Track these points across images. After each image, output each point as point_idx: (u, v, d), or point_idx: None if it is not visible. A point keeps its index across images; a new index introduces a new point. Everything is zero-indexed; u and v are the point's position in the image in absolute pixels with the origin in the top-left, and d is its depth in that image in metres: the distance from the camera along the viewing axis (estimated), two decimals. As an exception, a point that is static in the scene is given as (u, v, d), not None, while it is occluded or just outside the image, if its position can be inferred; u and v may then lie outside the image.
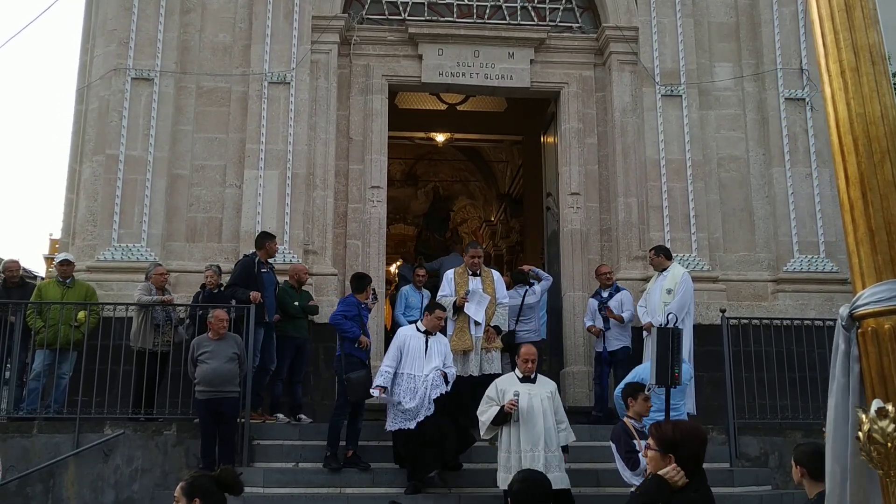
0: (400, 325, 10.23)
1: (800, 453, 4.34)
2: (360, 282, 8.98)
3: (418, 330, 8.25)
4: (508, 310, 9.40)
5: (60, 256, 9.74)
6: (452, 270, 9.43)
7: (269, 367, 9.32)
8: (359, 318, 8.61)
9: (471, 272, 9.26)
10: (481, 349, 8.94)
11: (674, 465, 3.23)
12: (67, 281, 9.40)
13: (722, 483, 8.13)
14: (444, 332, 8.76)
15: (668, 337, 7.32)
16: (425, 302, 10.50)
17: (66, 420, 8.65)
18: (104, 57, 11.07)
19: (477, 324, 8.95)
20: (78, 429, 8.48)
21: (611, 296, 10.15)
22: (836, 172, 2.47)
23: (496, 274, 9.50)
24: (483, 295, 9.04)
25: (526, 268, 10.82)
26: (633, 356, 9.77)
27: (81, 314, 9.03)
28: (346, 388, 8.32)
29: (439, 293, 9.35)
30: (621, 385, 7.61)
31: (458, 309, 9.02)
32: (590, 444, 8.92)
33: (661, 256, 9.85)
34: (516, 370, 7.54)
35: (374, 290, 9.33)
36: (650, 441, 3.37)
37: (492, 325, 9.04)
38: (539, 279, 10.39)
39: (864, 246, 2.34)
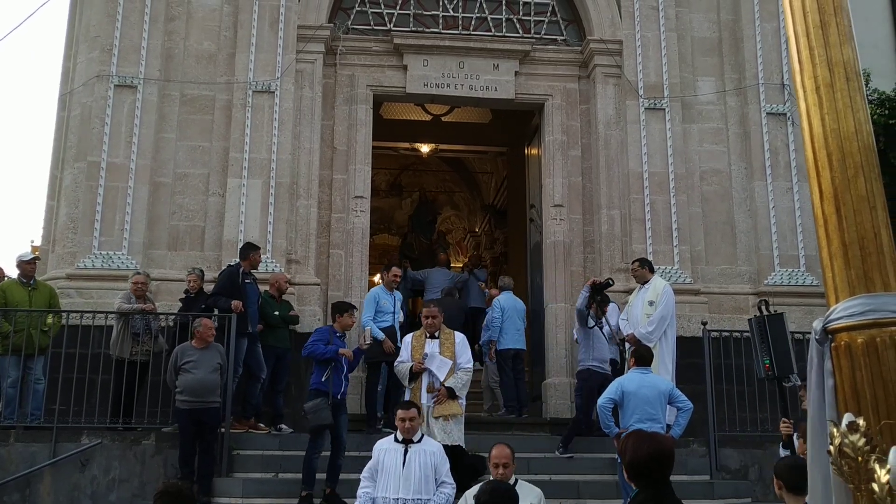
0: (373, 335, 9.47)
1: (779, 466, 4.36)
2: (342, 306, 8.51)
3: (396, 440, 6.59)
4: (470, 376, 8.16)
5: (28, 255, 9.49)
6: (411, 335, 8.30)
7: (259, 376, 9.27)
8: (331, 342, 8.09)
9: (427, 334, 8.11)
10: (432, 416, 7.72)
11: None
12: (31, 282, 9.24)
13: (702, 495, 8.16)
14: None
15: (756, 324, 6.69)
16: (397, 305, 9.97)
17: (44, 429, 8.56)
18: (87, 63, 11.01)
19: (430, 390, 7.84)
20: (55, 438, 8.39)
21: None
22: (810, 187, 2.49)
23: (459, 336, 8.21)
24: (443, 360, 7.91)
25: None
26: (619, 368, 9.77)
27: (50, 318, 8.93)
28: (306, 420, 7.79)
29: (397, 360, 8.26)
30: (602, 397, 7.60)
31: (415, 377, 7.96)
32: (571, 455, 8.93)
33: (645, 269, 9.88)
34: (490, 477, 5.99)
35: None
36: None
37: (446, 385, 7.83)
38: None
39: (838, 260, 2.36)
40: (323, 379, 8.01)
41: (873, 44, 12.55)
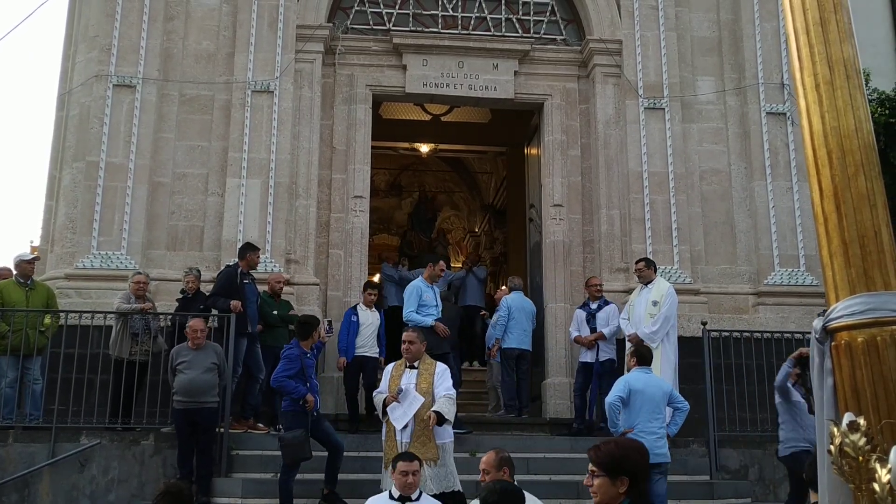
0: (420, 324, 9.06)
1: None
2: (305, 329, 8.15)
3: (391, 497, 5.82)
4: (454, 404, 7.43)
5: (28, 255, 9.45)
6: (393, 364, 7.76)
7: (258, 376, 9.26)
8: (302, 371, 7.82)
9: (407, 364, 7.50)
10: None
11: None
12: (29, 282, 9.20)
13: (702, 495, 8.15)
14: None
15: None
16: (438, 299, 9.69)
17: (42, 429, 8.54)
18: (86, 63, 11.00)
19: (405, 428, 7.21)
20: (54, 438, 8.37)
21: (599, 308, 10.13)
22: (810, 185, 2.48)
23: (440, 367, 7.52)
24: (416, 396, 7.22)
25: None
26: (618, 368, 9.74)
27: (48, 319, 8.92)
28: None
29: (376, 391, 7.81)
30: (612, 396, 7.54)
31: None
32: (571, 455, 8.90)
33: (651, 269, 9.86)
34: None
35: (328, 320, 8.77)
36: (591, 467, 2.93)
37: (434, 410, 7.12)
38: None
39: (838, 259, 2.34)
40: (300, 403, 7.78)
41: (873, 44, 12.53)
